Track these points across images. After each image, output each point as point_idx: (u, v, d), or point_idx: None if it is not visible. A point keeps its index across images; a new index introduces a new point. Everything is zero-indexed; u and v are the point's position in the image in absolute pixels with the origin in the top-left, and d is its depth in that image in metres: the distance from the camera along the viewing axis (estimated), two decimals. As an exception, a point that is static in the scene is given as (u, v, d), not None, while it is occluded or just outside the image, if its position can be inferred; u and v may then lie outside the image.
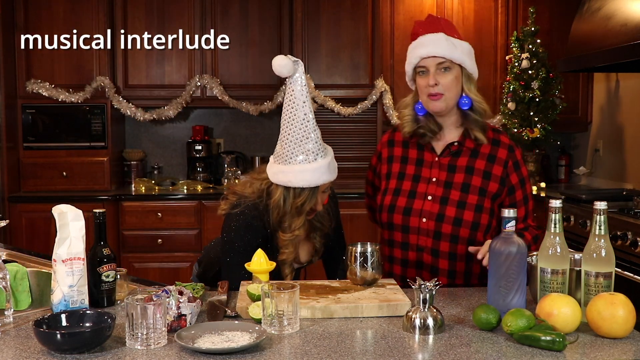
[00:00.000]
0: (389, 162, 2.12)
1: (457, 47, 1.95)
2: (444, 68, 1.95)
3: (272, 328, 1.50)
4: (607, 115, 4.53)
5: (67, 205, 1.66)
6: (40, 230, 4.20)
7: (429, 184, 2.02)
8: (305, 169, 1.91)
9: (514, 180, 2.04)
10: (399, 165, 2.08)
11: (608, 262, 1.55)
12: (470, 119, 1.99)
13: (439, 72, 1.95)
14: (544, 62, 4.39)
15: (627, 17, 3.40)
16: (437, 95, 1.94)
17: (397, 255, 2.06)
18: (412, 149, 2.08)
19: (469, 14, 4.61)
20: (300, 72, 1.90)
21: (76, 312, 1.53)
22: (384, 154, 2.15)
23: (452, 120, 2.02)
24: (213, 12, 4.52)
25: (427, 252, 2.01)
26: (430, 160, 2.04)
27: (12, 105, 4.31)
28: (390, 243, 2.08)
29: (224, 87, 4.53)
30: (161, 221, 4.32)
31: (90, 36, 4.38)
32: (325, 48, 4.55)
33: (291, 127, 1.91)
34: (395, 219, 2.02)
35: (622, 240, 3.09)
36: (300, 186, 1.93)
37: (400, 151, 2.10)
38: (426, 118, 2.01)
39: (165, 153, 4.98)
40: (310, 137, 1.91)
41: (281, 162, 1.94)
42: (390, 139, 2.15)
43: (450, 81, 1.95)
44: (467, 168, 2.00)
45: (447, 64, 1.94)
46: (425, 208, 2.00)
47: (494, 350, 1.40)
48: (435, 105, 1.96)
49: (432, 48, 1.93)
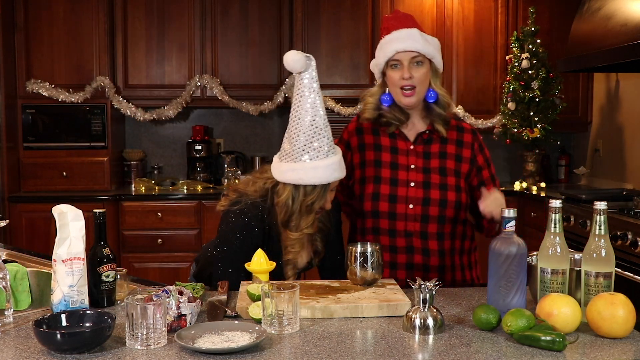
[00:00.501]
0: (361, 149, 2.13)
1: (430, 42, 2.03)
2: (417, 62, 2.02)
3: (272, 328, 1.50)
4: (607, 115, 4.54)
5: (67, 205, 1.66)
6: (40, 230, 4.20)
7: (408, 171, 2.08)
8: (317, 165, 1.89)
9: (480, 161, 2.16)
10: (373, 153, 2.11)
11: (608, 262, 1.55)
12: (433, 112, 2.09)
13: (412, 66, 2.01)
14: (544, 62, 4.40)
15: (627, 17, 3.40)
16: (411, 90, 2.01)
17: (384, 242, 2.08)
18: (384, 137, 2.12)
19: (469, 14, 4.61)
20: (312, 67, 1.91)
21: (76, 312, 1.53)
22: (353, 142, 2.15)
23: (419, 111, 2.10)
24: (213, 12, 4.52)
25: (416, 235, 2.06)
26: (405, 149, 2.10)
27: (12, 105, 4.31)
28: (375, 231, 2.09)
29: (224, 87, 4.53)
30: (161, 221, 4.32)
31: (90, 36, 4.39)
32: (325, 48, 4.55)
33: (301, 124, 1.90)
34: (382, 207, 2.06)
35: (622, 240, 3.09)
36: (311, 183, 1.91)
37: (371, 139, 2.13)
38: (391, 108, 2.08)
39: (165, 153, 4.98)
40: (322, 134, 1.90)
41: (290, 159, 1.92)
42: (358, 127, 2.16)
43: (422, 74, 2.02)
44: (440, 153, 2.10)
45: (420, 58, 2.02)
46: (410, 194, 2.06)
47: (494, 350, 1.40)
48: (409, 100, 2.03)
49: (410, 43, 2.00)
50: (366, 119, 2.12)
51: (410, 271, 2.08)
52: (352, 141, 2.16)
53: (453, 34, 4.60)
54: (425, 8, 4.59)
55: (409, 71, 2.00)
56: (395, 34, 2.03)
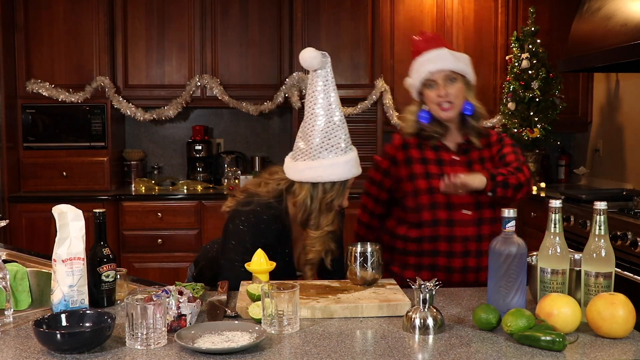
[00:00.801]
0: (408, 163, 2.19)
1: (459, 59, 2.15)
2: (451, 79, 2.13)
3: (272, 328, 1.50)
4: (607, 115, 4.54)
5: (67, 205, 1.66)
6: (40, 230, 4.20)
7: None
8: (336, 162, 1.91)
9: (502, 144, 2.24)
10: (421, 166, 2.18)
11: (608, 262, 1.55)
12: (468, 124, 2.19)
13: (447, 83, 2.13)
14: (544, 62, 4.40)
15: (627, 17, 3.40)
16: (448, 105, 2.13)
17: (443, 248, 2.12)
18: (428, 151, 2.20)
19: (469, 14, 4.61)
20: (328, 65, 1.93)
21: (76, 312, 1.53)
22: (399, 157, 2.21)
23: (455, 124, 2.20)
24: (213, 12, 4.52)
25: (472, 239, 2.12)
26: (448, 159, 2.18)
27: (12, 105, 4.31)
28: (433, 239, 2.13)
29: (224, 87, 4.53)
30: (161, 221, 4.32)
31: (90, 36, 4.39)
32: (325, 48, 4.48)
33: (317, 122, 1.91)
34: (439, 215, 2.12)
35: (622, 240, 3.09)
36: (330, 180, 1.92)
37: (417, 153, 2.20)
38: (430, 123, 2.18)
39: (165, 153, 4.98)
40: (339, 130, 1.92)
41: (307, 158, 1.92)
42: (404, 142, 2.23)
43: (457, 90, 2.13)
44: (480, 159, 2.20)
45: (453, 75, 2.13)
46: (464, 201, 2.12)
47: (494, 350, 1.40)
48: (446, 114, 2.14)
49: (441, 63, 2.13)
50: (409, 134, 2.22)
51: (464, 274, 2.13)
52: (397, 155, 2.21)
53: (453, 34, 4.60)
54: (425, 8, 4.59)
55: (444, 89, 2.12)
56: (426, 55, 2.16)
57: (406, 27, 4.60)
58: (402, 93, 4.64)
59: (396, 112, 4.59)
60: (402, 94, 4.65)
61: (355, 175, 1.97)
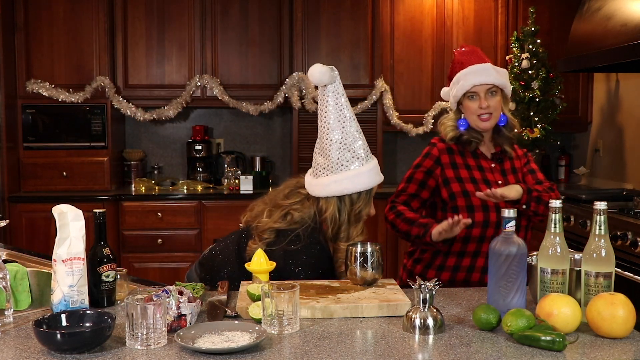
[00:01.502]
0: (453, 167, 2.29)
1: (501, 74, 2.27)
2: (492, 92, 2.25)
3: (272, 328, 1.50)
4: (607, 115, 4.54)
5: (67, 205, 1.66)
6: (40, 230, 4.20)
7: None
8: (360, 172, 1.95)
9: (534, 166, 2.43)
10: (466, 171, 2.28)
11: (608, 262, 1.55)
12: (502, 134, 2.31)
13: (488, 96, 2.25)
14: (544, 62, 4.40)
15: (627, 17, 3.40)
16: (488, 115, 2.24)
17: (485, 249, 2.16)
18: (469, 158, 2.31)
19: (469, 14, 4.61)
20: (337, 79, 1.96)
21: (76, 312, 1.53)
22: (444, 159, 2.30)
23: (489, 135, 2.33)
24: (213, 12, 4.52)
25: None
26: (488, 167, 2.31)
27: (12, 105, 4.31)
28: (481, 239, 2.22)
29: (224, 87, 4.53)
30: (161, 221, 4.32)
31: (90, 36, 4.39)
32: (325, 48, 4.55)
33: (334, 136, 1.93)
34: (492, 217, 2.22)
35: (622, 240, 3.09)
36: (357, 191, 1.95)
37: (460, 159, 2.31)
38: (467, 131, 2.30)
39: (165, 153, 4.98)
40: (358, 140, 1.95)
41: (330, 172, 1.94)
42: (448, 147, 2.33)
43: (497, 102, 2.26)
44: (512, 169, 2.34)
45: (494, 89, 2.25)
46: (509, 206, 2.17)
47: (494, 350, 1.40)
48: (485, 124, 2.26)
49: (485, 77, 2.24)
50: (451, 138, 2.31)
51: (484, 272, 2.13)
52: (442, 158, 2.30)
53: (453, 34, 4.60)
54: (425, 8, 4.59)
55: (485, 101, 2.23)
56: (471, 68, 2.26)
57: (406, 27, 4.60)
58: (401, 93, 4.65)
59: (396, 112, 4.59)
60: (401, 94, 4.66)
61: (378, 183, 2.01)
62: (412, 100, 4.66)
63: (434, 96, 4.65)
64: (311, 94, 4.46)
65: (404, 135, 4.78)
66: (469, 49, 2.37)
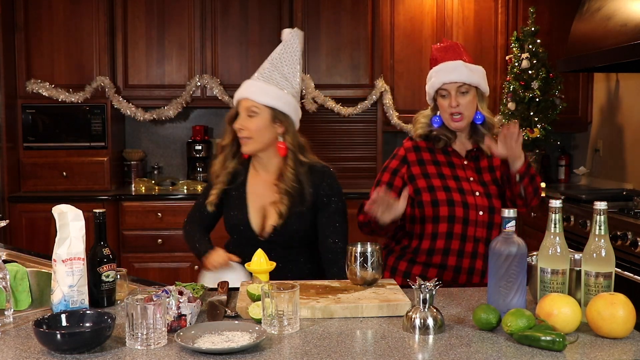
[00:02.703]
0: (420, 164, 2.26)
1: (474, 72, 2.22)
2: (463, 92, 2.20)
3: (272, 328, 1.51)
4: (607, 115, 4.54)
5: (67, 205, 1.66)
6: (40, 230, 4.20)
7: (470, 182, 2.23)
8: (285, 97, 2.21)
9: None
10: (434, 167, 2.25)
11: (608, 262, 1.55)
12: (479, 132, 2.26)
13: (459, 94, 2.20)
14: (544, 62, 4.39)
15: (627, 17, 3.40)
16: (459, 116, 2.20)
17: (454, 247, 2.17)
18: (439, 154, 2.27)
19: (469, 14, 4.61)
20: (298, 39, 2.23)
21: (76, 312, 1.53)
22: (410, 157, 2.27)
23: (466, 132, 2.28)
24: (213, 11, 4.52)
25: (482, 241, 2.18)
26: (459, 163, 2.26)
27: (12, 105, 4.31)
28: (448, 235, 2.17)
29: (224, 87, 4.53)
30: (161, 221, 4.32)
31: (90, 36, 4.39)
32: (325, 48, 4.55)
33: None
34: (457, 212, 2.17)
35: (622, 240, 3.09)
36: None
37: (428, 155, 2.27)
38: (441, 128, 2.26)
39: (165, 153, 4.98)
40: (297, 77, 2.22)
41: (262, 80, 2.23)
42: (415, 145, 2.30)
43: (468, 101, 2.21)
44: (489, 167, 2.28)
45: (465, 87, 2.20)
46: (479, 202, 2.19)
47: (494, 350, 1.40)
48: (457, 125, 2.22)
49: (455, 75, 2.19)
50: (419, 136, 2.29)
51: (471, 275, 2.18)
52: (409, 156, 2.28)
53: (453, 34, 4.60)
54: (425, 8, 4.59)
55: (455, 100, 2.19)
56: (442, 65, 2.23)
57: (406, 27, 4.60)
58: (402, 93, 4.65)
59: (396, 112, 4.59)
60: (402, 94, 4.65)
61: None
62: (412, 100, 4.65)
63: (434, 96, 4.64)
64: (311, 94, 4.46)
65: (404, 135, 4.76)
66: (447, 44, 2.30)
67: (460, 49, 2.28)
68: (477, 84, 2.22)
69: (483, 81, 2.24)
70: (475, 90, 2.23)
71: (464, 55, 2.26)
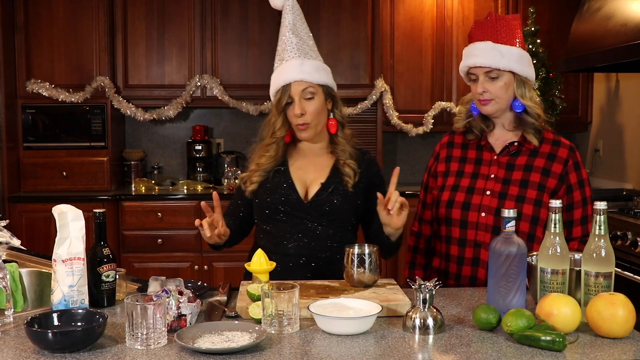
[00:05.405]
0: (447, 161, 2.14)
1: (504, 55, 1.96)
2: (492, 77, 1.98)
3: (272, 328, 1.50)
4: (607, 115, 4.54)
5: (67, 205, 1.66)
6: (40, 230, 4.20)
7: (487, 180, 2.04)
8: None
9: (573, 180, 2.08)
10: (458, 165, 2.10)
11: (608, 262, 1.55)
12: (525, 122, 2.03)
13: (487, 80, 1.98)
14: (544, 62, 4.39)
15: (627, 17, 3.40)
16: (486, 101, 1.99)
17: (453, 252, 2.04)
18: (471, 150, 2.11)
19: (469, 14, 4.61)
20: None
21: (69, 311, 1.53)
22: (441, 154, 2.17)
23: (507, 121, 2.06)
24: (213, 11, 4.52)
25: (484, 247, 1.97)
26: (488, 159, 2.06)
27: (12, 105, 4.30)
28: (447, 240, 2.06)
29: (224, 87, 4.53)
30: (161, 221, 4.32)
31: (90, 36, 4.38)
32: (325, 48, 4.54)
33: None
34: (454, 214, 2.03)
35: (622, 240, 3.09)
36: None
37: (459, 152, 2.13)
38: (479, 117, 2.07)
39: (165, 153, 4.98)
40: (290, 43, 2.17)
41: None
42: (449, 141, 2.18)
43: (498, 88, 1.98)
44: (525, 166, 2.03)
45: (494, 73, 1.97)
46: (484, 203, 2.00)
47: (494, 350, 1.40)
48: (485, 108, 2.01)
49: (479, 59, 1.97)
50: (457, 128, 2.15)
51: (473, 285, 2.01)
52: (441, 153, 2.17)
53: (453, 34, 4.60)
54: (425, 8, 4.59)
55: (482, 85, 1.98)
56: (471, 47, 2.02)
57: (406, 27, 4.60)
58: (402, 93, 4.65)
59: (396, 112, 4.59)
60: (402, 94, 4.66)
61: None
62: (412, 100, 4.66)
63: (434, 96, 4.65)
64: (311, 94, 4.45)
65: (404, 135, 4.78)
66: (486, 20, 2.01)
67: (494, 27, 1.99)
68: (510, 69, 1.96)
69: (519, 65, 1.96)
70: (513, 76, 1.98)
71: (501, 34, 1.97)
